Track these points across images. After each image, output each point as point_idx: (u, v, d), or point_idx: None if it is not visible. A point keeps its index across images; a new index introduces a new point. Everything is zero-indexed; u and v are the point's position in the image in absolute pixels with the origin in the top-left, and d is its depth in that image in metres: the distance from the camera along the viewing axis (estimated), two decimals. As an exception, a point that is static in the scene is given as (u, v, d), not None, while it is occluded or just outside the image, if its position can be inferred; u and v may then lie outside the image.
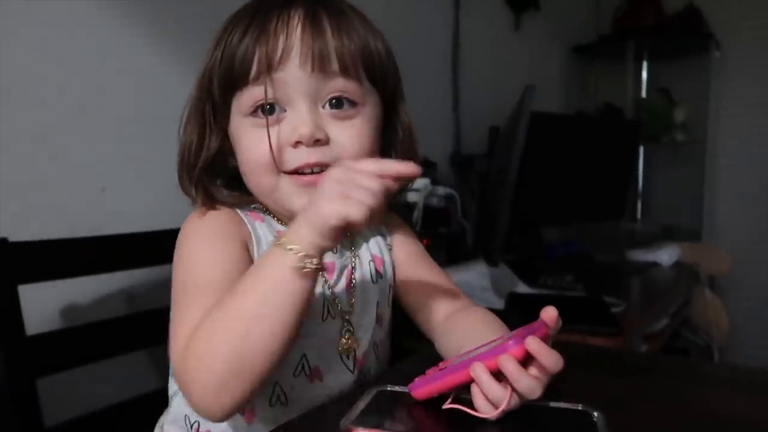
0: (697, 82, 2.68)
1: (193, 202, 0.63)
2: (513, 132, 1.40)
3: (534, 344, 0.47)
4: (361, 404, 0.51)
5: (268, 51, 0.56)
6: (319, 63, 0.56)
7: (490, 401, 0.47)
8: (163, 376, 0.74)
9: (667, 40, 2.58)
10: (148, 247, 0.89)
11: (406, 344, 0.73)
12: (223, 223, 0.61)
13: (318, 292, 0.63)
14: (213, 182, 0.63)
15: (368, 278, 0.68)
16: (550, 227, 2.16)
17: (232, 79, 0.58)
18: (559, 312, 0.52)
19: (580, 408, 0.49)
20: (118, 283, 1.00)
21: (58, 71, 0.96)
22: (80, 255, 0.84)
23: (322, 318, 0.63)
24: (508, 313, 1.23)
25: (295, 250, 0.47)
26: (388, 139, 0.66)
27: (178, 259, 0.59)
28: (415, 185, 1.40)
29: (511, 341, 0.47)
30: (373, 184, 0.46)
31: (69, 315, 0.95)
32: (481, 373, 0.47)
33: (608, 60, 2.79)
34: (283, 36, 0.56)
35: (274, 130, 0.57)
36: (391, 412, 0.51)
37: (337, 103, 0.59)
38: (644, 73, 2.83)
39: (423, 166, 0.68)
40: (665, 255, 2.00)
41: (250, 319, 0.47)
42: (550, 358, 0.47)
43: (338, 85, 0.58)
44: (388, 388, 0.54)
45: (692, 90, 2.68)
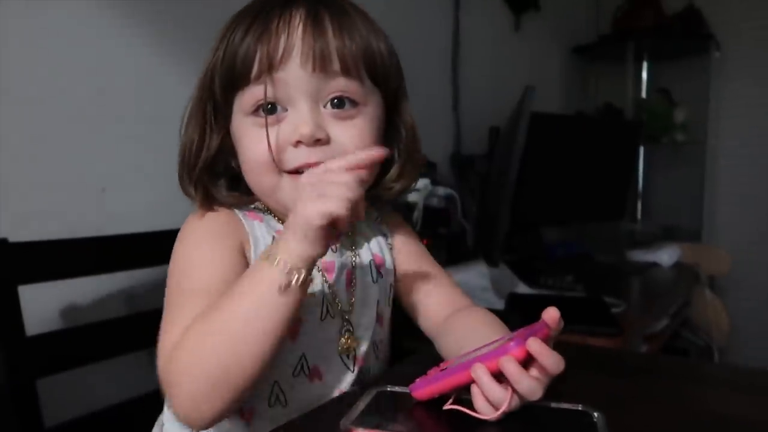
0: (697, 83, 2.68)
1: (192, 202, 0.63)
2: (513, 132, 1.40)
3: (535, 346, 0.47)
4: (361, 404, 0.51)
5: (270, 50, 0.56)
6: (320, 63, 0.56)
7: (491, 402, 0.47)
8: (163, 377, 0.74)
9: (667, 40, 2.58)
10: (148, 248, 0.88)
11: (406, 344, 0.73)
12: (221, 225, 0.61)
13: (317, 291, 0.63)
14: (213, 182, 0.63)
15: (369, 277, 0.68)
16: (550, 228, 2.16)
17: (234, 78, 0.58)
18: (559, 312, 0.52)
19: (580, 408, 0.49)
20: (118, 284, 0.99)
21: (58, 71, 0.96)
22: (80, 255, 0.84)
23: (320, 317, 0.63)
24: (508, 313, 1.23)
25: (281, 265, 0.47)
26: (391, 139, 0.66)
27: (173, 259, 0.60)
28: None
29: (512, 342, 0.47)
30: (345, 177, 0.48)
31: (69, 315, 0.95)
32: (482, 374, 0.47)
33: (608, 60, 2.79)
34: (284, 35, 0.56)
35: (274, 129, 0.57)
36: (391, 412, 0.51)
37: (339, 103, 0.58)
38: (644, 74, 2.83)
39: (425, 167, 0.68)
40: (665, 255, 2.00)
41: (234, 335, 0.48)
42: (551, 360, 0.47)
43: (339, 85, 0.58)
44: (388, 389, 0.54)
45: (692, 90, 2.68)
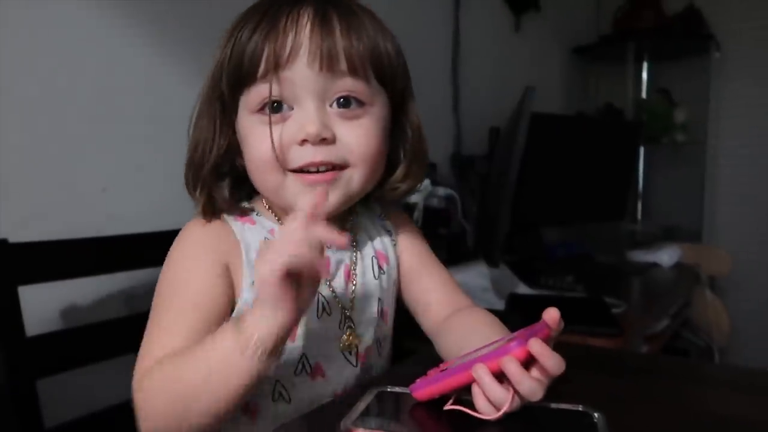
0: (698, 83, 2.68)
1: (195, 205, 0.63)
2: (513, 133, 1.40)
3: (537, 346, 0.47)
4: (362, 405, 0.51)
5: (277, 49, 0.56)
6: (328, 62, 0.56)
7: (492, 402, 0.47)
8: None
9: (668, 41, 2.57)
10: (148, 248, 0.88)
11: (406, 345, 0.73)
12: (210, 240, 0.61)
13: None
14: (217, 184, 0.63)
15: (369, 274, 0.68)
16: (550, 228, 2.16)
17: (241, 76, 0.58)
18: (560, 313, 0.52)
19: (581, 409, 0.49)
20: (119, 285, 0.99)
21: (59, 71, 0.96)
22: (80, 256, 0.83)
23: (318, 315, 0.63)
24: (509, 314, 1.23)
25: (246, 335, 0.46)
26: (397, 139, 0.66)
27: (163, 270, 0.61)
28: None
29: (513, 343, 0.47)
30: (298, 233, 0.44)
31: (69, 316, 0.95)
32: (483, 375, 0.47)
33: (608, 61, 2.79)
34: (292, 34, 0.56)
35: (279, 127, 0.57)
36: (391, 413, 0.51)
37: (345, 103, 0.58)
38: (644, 74, 2.83)
39: (426, 164, 0.69)
40: (666, 256, 2.00)
41: (191, 389, 0.49)
42: (552, 361, 0.47)
43: (346, 85, 0.58)
44: (389, 389, 0.54)
45: (692, 91, 2.68)
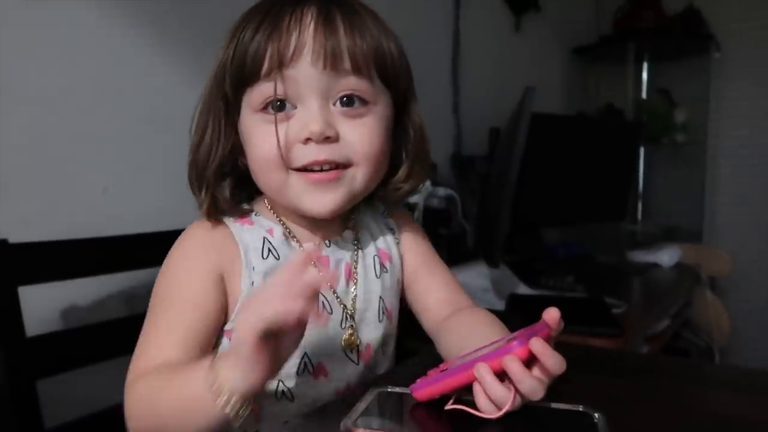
0: (698, 83, 2.68)
1: (199, 206, 0.62)
2: (513, 133, 1.40)
3: (538, 346, 0.47)
4: (362, 405, 0.51)
5: (280, 48, 0.55)
6: (331, 61, 0.56)
7: (493, 401, 0.47)
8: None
9: (668, 41, 2.58)
10: (149, 249, 0.87)
11: (408, 345, 0.73)
12: (209, 245, 0.61)
13: None
14: (220, 184, 0.62)
15: (371, 272, 0.67)
16: (550, 228, 2.16)
17: (244, 75, 0.58)
18: (560, 313, 0.52)
19: (581, 409, 0.49)
20: (119, 285, 0.99)
21: (60, 71, 0.96)
22: (81, 256, 0.83)
23: (317, 314, 0.63)
24: (509, 314, 1.23)
25: (219, 385, 0.45)
26: (399, 140, 0.66)
27: (161, 270, 0.61)
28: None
29: (515, 342, 0.47)
30: (280, 289, 0.42)
31: (69, 316, 0.95)
32: (484, 374, 0.47)
33: (609, 61, 2.79)
34: (295, 33, 0.55)
35: (283, 126, 0.57)
36: (392, 413, 0.51)
37: (348, 101, 0.58)
38: (645, 74, 2.83)
39: (429, 164, 0.68)
40: (666, 256, 2.00)
41: (160, 415, 0.50)
42: (553, 360, 0.47)
43: (350, 84, 0.58)
44: (389, 389, 0.54)
45: (692, 91, 2.68)
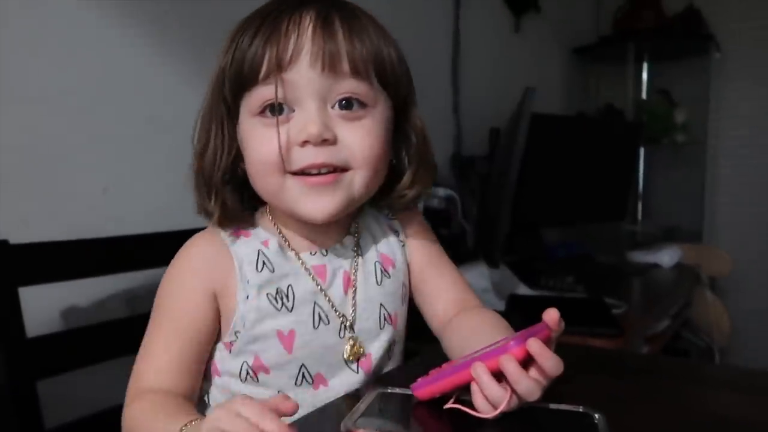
0: (698, 84, 2.68)
1: (208, 216, 0.62)
2: (513, 133, 1.40)
3: (535, 346, 0.47)
4: (363, 405, 0.51)
5: (279, 51, 0.55)
6: (330, 63, 0.55)
7: (490, 401, 0.47)
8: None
9: (668, 41, 2.57)
10: (149, 249, 0.88)
11: (409, 346, 0.73)
12: (204, 262, 0.61)
13: (307, 298, 0.62)
14: (227, 191, 0.61)
15: (371, 280, 0.66)
16: (550, 228, 2.16)
17: (242, 80, 0.57)
18: (560, 313, 0.52)
19: (581, 410, 0.49)
20: (119, 285, 0.99)
21: (60, 71, 0.96)
22: (81, 257, 0.84)
23: (314, 326, 0.62)
24: (509, 314, 1.23)
25: None
26: (401, 146, 0.65)
27: (163, 280, 0.62)
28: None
29: (512, 342, 0.47)
30: (252, 410, 0.40)
31: (69, 317, 0.95)
32: (481, 373, 0.47)
33: (609, 61, 2.79)
34: (294, 36, 0.55)
35: (281, 129, 0.56)
36: (392, 413, 0.51)
37: (347, 104, 0.57)
38: (644, 75, 2.83)
39: (433, 169, 0.68)
40: (666, 256, 2.00)
41: None
42: (550, 362, 0.47)
43: (349, 86, 0.57)
44: (390, 390, 0.54)
45: (692, 91, 2.68)
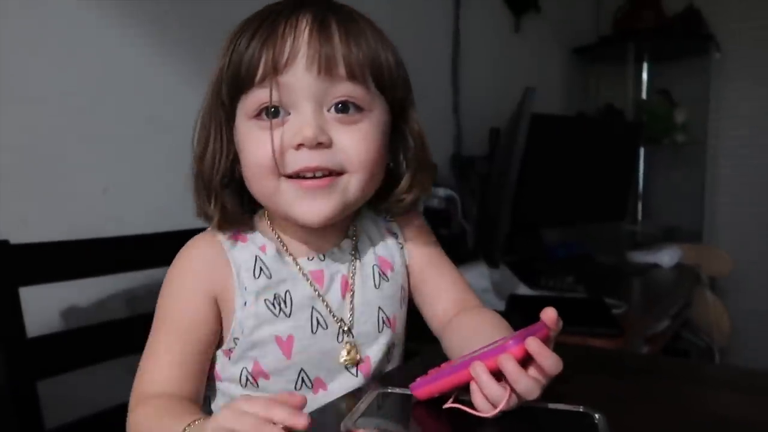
0: (698, 84, 2.68)
1: (208, 219, 0.62)
2: (513, 133, 1.40)
3: (534, 345, 0.47)
4: (362, 405, 0.51)
5: (275, 54, 0.55)
6: (326, 66, 0.55)
7: (489, 400, 0.47)
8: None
9: (668, 41, 2.57)
10: (149, 249, 0.88)
11: (408, 346, 0.73)
12: (204, 266, 0.61)
13: (305, 303, 0.62)
14: (226, 194, 0.61)
15: (369, 283, 0.65)
16: (550, 228, 2.16)
17: (239, 83, 0.57)
18: (559, 313, 0.52)
19: (581, 410, 0.49)
20: (119, 286, 0.99)
21: (59, 71, 0.96)
22: (81, 257, 0.84)
23: (312, 331, 0.62)
24: (509, 314, 1.23)
25: None
26: (399, 150, 0.64)
27: (164, 283, 0.62)
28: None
29: (511, 341, 0.47)
30: (258, 407, 0.41)
31: (70, 317, 0.95)
32: (480, 372, 0.47)
33: (609, 61, 2.79)
34: (290, 39, 0.55)
35: (276, 132, 0.56)
36: (392, 413, 0.51)
37: (343, 108, 0.57)
38: (645, 75, 2.83)
39: (432, 173, 0.68)
40: (666, 256, 2.00)
41: None
42: (549, 360, 0.47)
43: (345, 90, 0.56)
44: (389, 390, 0.54)
45: (692, 91, 2.68)
